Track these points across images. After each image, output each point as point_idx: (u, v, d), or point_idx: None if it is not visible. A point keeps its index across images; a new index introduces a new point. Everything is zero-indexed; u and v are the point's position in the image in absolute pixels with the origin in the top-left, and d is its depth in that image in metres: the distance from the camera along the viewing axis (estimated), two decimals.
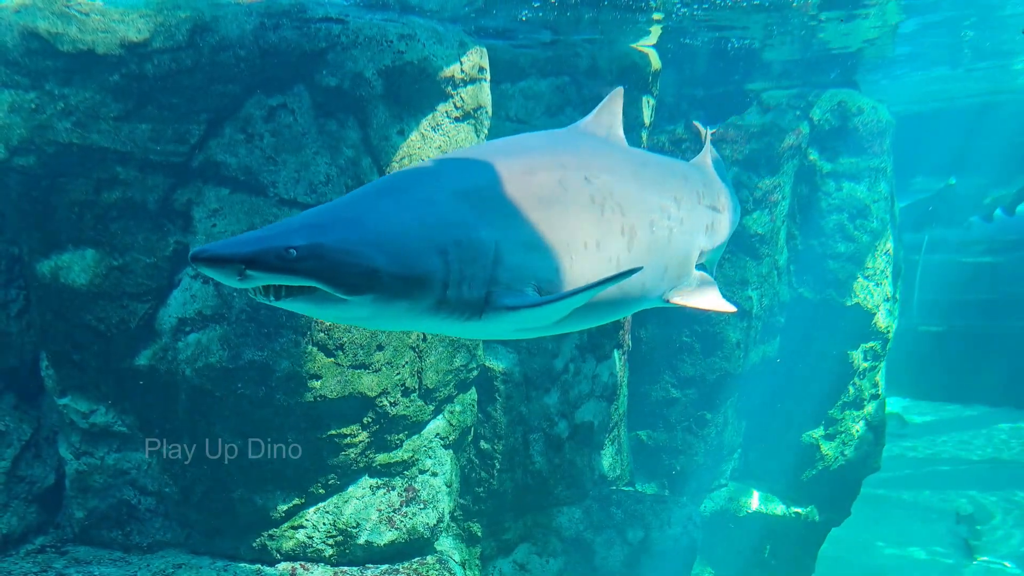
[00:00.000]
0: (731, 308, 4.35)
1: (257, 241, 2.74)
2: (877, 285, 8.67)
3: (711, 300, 4.27)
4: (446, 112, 5.63)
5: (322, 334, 5.43)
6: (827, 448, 8.96)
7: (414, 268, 2.87)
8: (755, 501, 8.82)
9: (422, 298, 2.92)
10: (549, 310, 3.14)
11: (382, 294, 2.82)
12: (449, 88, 5.59)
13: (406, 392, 5.84)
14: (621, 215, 3.59)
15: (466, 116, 5.72)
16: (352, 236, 2.83)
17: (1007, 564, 11.84)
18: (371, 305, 2.85)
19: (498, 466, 6.81)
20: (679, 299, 4.10)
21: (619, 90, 4.27)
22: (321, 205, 3.23)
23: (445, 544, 6.60)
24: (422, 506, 6.04)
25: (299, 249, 2.69)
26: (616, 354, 7.84)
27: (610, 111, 4.22)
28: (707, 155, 5.45)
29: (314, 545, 5.80)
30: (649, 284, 3.83)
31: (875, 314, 8.66)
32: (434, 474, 6.17)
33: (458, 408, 6.33)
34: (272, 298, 2.81)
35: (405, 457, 6.02)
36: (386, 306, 2.88)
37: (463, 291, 2.97)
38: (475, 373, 6.41)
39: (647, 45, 7.94)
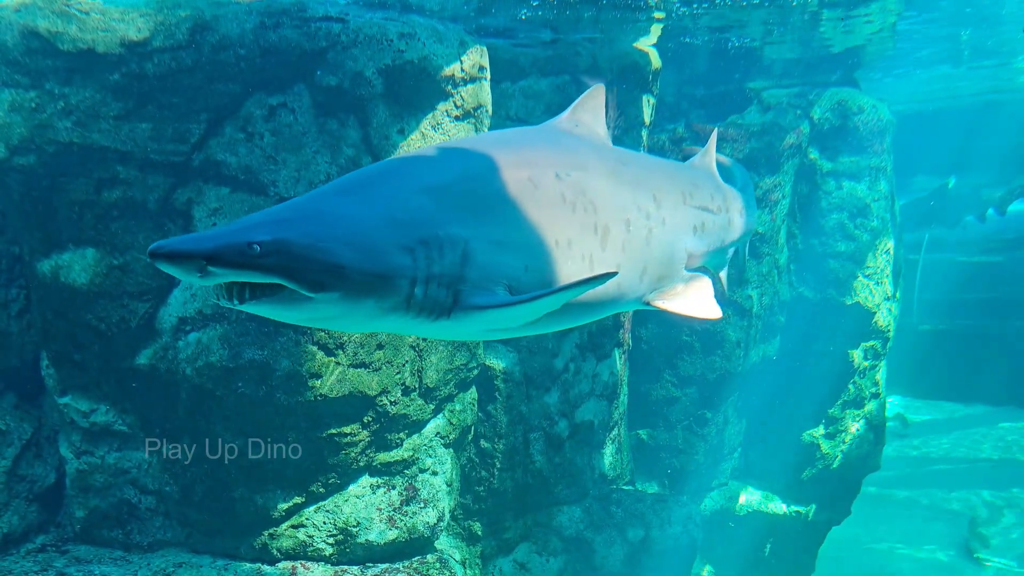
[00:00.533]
0: (714, 314, 4.14)
1: (219, 237, 2.68)
2: (877, 284, 8.67)
3: (692, 305, 4.08)
4: (446, 111, 5.63)
5: (322, 333, 5.44)
6: (827, 447, 8.96)
7: (381, 265, 2.82)
8: (755, 500, 8.82)
9: (390, 296, 2.86)
10: (519, 311, 3.09)
11: (349, 292, 2.77)
12: (449, 87, 5.59)
13: (406, 391, 5.84)
14: (594, 213, 3.51)
15: (466, 115, 5.72)
16: (317, 231, 2.78)
17: (1010, 564, 11.84)
18: (338, 304, 2.78)
19: (498, 465, 6.81)
20: (660, 302, 3.98)
21: (599, 86, 4.18)
22: (288, 200, 3.18)
23: (445, 543, 6.61)
24: (422, 505, 6.04)
25: (263, 245, 2.62)
26: (616, 353, 7.84)
27: (587, 107, 4.11)
28: (704, 156, 5.32)
29: (314, 544, 5.80)
30: (626, 285, 3.72)
31: (875, 313, 8.67)
32: (434, 473, 6.18)
33: (458, 407, 6.34)
34: (236, 301, 2.75)
35: (405, 456, 6.02)
36: (353, 305, 2.82)
37: (431, 289, 2.92)
38: (475, 372, 6.41)
39: (647, 44, 7.94)
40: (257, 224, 2.79)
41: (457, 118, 5.67)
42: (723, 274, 5.56)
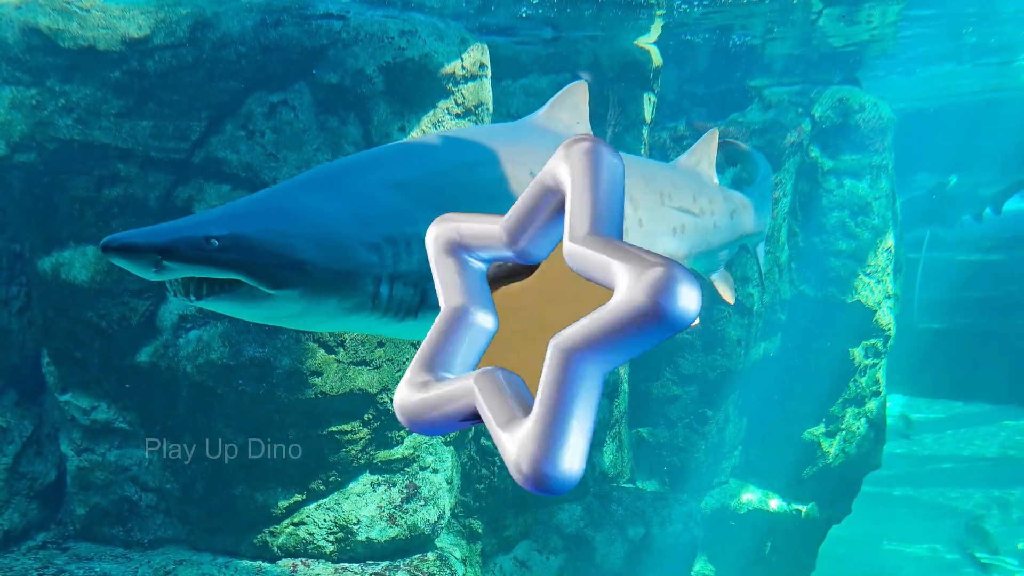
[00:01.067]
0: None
1: (174, 230, 2.59)
2: (878, 282, 8.66)
3: None
4: (447, 109, 5.63)
5: None
6: (828, 445, 8.96)
7: (344, 262, 2.72)
8: (756, 498, 8.82)
9: (354, 294, 2.77)
10: None
11: (310, 289, 2.67)
12: (450, 85, 5.59)
13: None
14: None
15: (467, 113, 5.71)
16: (278, 227, 2.69)
17: (1010, 562, 11.85)
18: (299, 301, 2.69)
19: (499, 463, 6.81)
20: None
21: (580, 83, 4.09)
22: (251, 195, 3.09)
23: (446, 541, 6.61)
24: (423, 503, 6.04)
25: (221, 239, 2.54)
26: None
27: (565, 104, 4.00)
28: (690, 155, 5.18)
29: (315, 542, 5.81)
30: None
31: (876, 311, 8.66)
32: (435, 471, 6.18)
33: None
34: (193, 298, 2.66)
35: (406, 454, 6.02)
36: (315, 302, 2.73)
37: (397, 288, 2.82)
38: None
39: (648, 42, 7.93)
40: (215, 218, 2.71)
41: (458, 115, 5.67)
42: (715, 277, 5.47)
